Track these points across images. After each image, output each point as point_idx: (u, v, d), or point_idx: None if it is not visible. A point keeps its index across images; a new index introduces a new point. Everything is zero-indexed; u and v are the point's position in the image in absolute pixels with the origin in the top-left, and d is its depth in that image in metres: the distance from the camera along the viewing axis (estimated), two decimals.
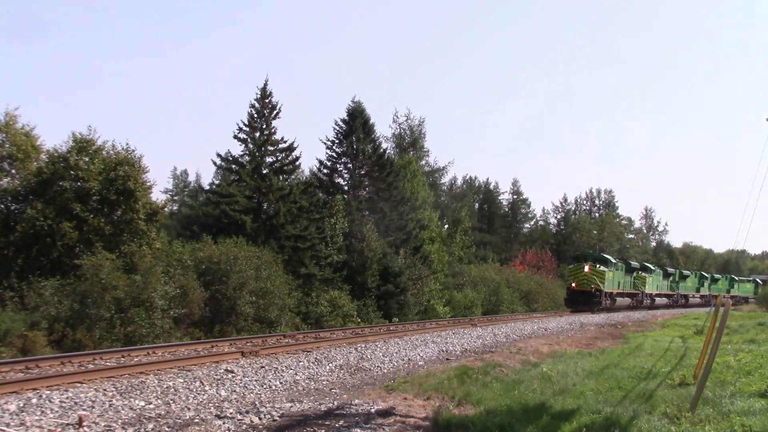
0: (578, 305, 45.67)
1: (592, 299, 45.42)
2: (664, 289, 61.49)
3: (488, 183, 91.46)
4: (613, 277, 48.75)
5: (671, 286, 63.26)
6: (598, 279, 45.79)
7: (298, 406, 10.26)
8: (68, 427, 8.25)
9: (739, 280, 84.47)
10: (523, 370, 15.34)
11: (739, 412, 10.16)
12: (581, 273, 46.53)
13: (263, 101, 34.40)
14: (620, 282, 50.45)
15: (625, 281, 51.63)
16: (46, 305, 20.06)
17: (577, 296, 45.99)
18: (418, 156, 64.08)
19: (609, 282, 47.54)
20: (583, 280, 46.11)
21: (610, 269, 48.01)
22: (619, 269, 50.52)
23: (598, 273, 46.15)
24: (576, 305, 45.95)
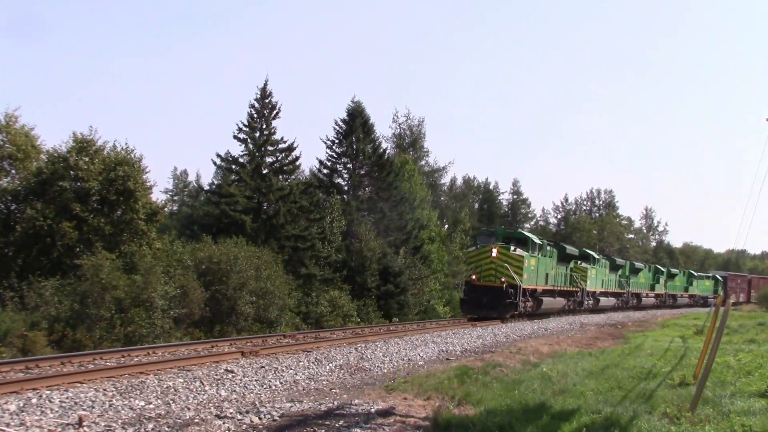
0: (480, 310, 30.93)
1: (501, 300, 30.46)
2: (611, 286, 49.07)
3: (488, 183, 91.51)
4: (537, 267, 33.46)
5: (620, 283, 51.42)
6: (513, 268, 30.65)
7: (298, 406, 10.26)
8: (68, 427, 8.25)
9: (697, 276, 74.81)
10: (523, 370, 15.34)
11: (739, 412, 10.17)
12: (486, 259, 31.17)
13: (263, 101, 34.41)
14: (549, 274, 35.43)
15: (558, 274, 36.94)
16: (46, 305, 20.06)
17: (480, 295, 30.82)
18: (418, 156, 64.08)
19: (530, 273, 32.29)
20: (488, 271, 30.97)
21: (532, 254, 32.57)
22: (547, 254, 35.11)
23: (512, 259, 30.91)
24: (476, 310, 31.15)
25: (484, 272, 31.00)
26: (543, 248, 34.60)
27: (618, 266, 51.55)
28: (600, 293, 46.07)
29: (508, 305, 30.60)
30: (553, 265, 36.47)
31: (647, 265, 61.81)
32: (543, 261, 34.47)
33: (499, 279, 30.49)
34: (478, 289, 30.88)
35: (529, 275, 31.91)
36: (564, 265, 38.89)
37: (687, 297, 69.33)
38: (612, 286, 49.48)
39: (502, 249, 31.02)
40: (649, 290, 59.24)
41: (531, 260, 32.22)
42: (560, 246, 39.23)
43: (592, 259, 44.29)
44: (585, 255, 43.95)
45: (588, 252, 45.55)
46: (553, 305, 36.62)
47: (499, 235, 33.18)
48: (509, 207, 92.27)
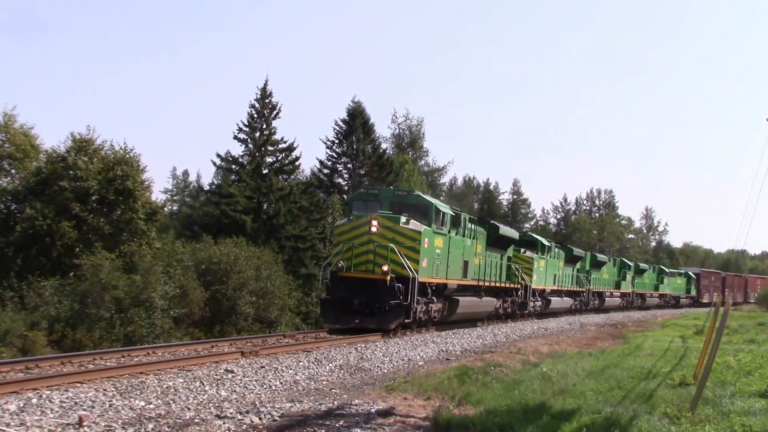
0: (349, 317, 20.26)
1: (383, 302, 19.95)
2: (567, 282, 39.32)
3: (488, 183, 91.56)
4: (452, 251, 22.95)
5: (578, 279, 41.99)
6: (406, 253, 20.14)
7: (298, 406, 10.26)
8: (68, 427, 8.25)
9: (669, 272, 65.66)
10: (523, 370, 15.34)
11: (739, 412, 10.17)
12: (361, 235, 20.47)
13: (263, 101, 34.46)
14: (479, 265, 25.72)
15: (490, 263, 27.16)
16: (46, 305, 20.07)
17: (351, 294, 20.17)
18: (417, 156, 64.11)
19: (436, 261, 21.68)
20: (363, 255, 20.30)
21: (441, 230, 22.10)
22: (470, 235, 24.76)
23: (404, 236, 20.42)
24: (344, 317, 20.38)
25: (356, 257, 20.10)
26: (460, 221, 23.56)
27: (575, 257, 41.31)
28: (551, 292, 36.20)
29: (394, 310, 19.74)
30: (479, 251, 25.92)
31: (612, 258, 53.20)
32: (462, 245, 23.74)
33: (380, 268, 19.61)
34: (346, 283, 20.07)
35: (434, 263, 21.52)
36: (498, 251, 28.78)
37: (657, 297, 61.47)
38: (568, 281, 39.73)
39: (385, 221, 20.13)
40: (614, 288, 50.33)
41: (438, 239, 21.75)
42: (491, 223, 28.50)
43: (541, 246, 34.14)
44: (530, 240, 34.14)
45: (535, 237, 35.36)
46: (475, 308, 25.82)
47: (384, 201, 21.81)
48: (509, 207, 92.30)
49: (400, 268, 20.00)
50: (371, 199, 22.47)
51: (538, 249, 33.88)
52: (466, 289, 25.26)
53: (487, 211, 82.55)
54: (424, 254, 20.80)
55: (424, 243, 20.78)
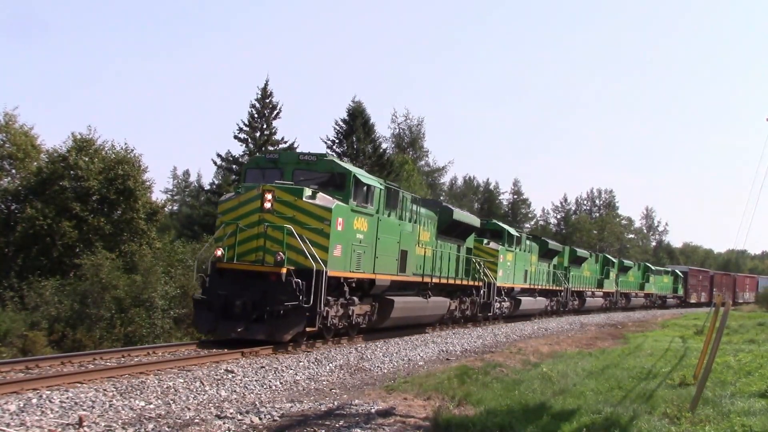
0: (230, 324, 15.16)
1: (275, 300, 15.06)
2: (541, 280, 34.67)
3: (488, 183, 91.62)
4: (383, 236, 18.37)
5: (555, 276, 37.44)
6: (311, 238, 15.49)
7: (298, 406, 10.26)
8: (68, 427, 8.25)
9: (655, 270, 61.41)
10: (524, 370, 15.34)
11: (739, 413, 10.18)
12: (250, 213, 15.88)
13: (264, 101, 34.48)
14: (425, 257, 21.19)
15: (441, 255, 22.68)
16: (46, 305, 20.10)
17: (234, 293, 15.24)
18: (418, 156, 64.14)
19: (357, 249, 17.15)
20: (252, 237, 15.72)
21: (365, 208, 17.44)
22: (412, 219, 20.24)
23: (309, 215, 15.78)
24: (224, 324, 15.26)
25: (242, 243, 15.60)
26: (392, 203, 18.70)
27: (552, 252, 36.84)
28: (522, 291, 31.64)
29: (290, 315, 15.11)
30: (423, 241, 21.03)
31: (593, 254, 47.55)
32: (388, 227, 18.46)
33: (272, 257, 15.18)
34: (229, 278, 15.52)
35: (362, 252, 17.22)
36: (454, 240, 24.37)
37: (642, 296, 57.56)
38: (542, 279, 35.20)
39: (283, 193, 15.56)
40: (596, 287, 45.70)
41: (362, 220, 16.99)
42: (442, 208, 23.75)
43: (508, 236, 29.62)
44: (495, 230, 29.60)
45: (500, 225, 30.73)
46: (416, 312, 21.15)
47: (286, 168, 16.93)
48: (509, 207, 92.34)
49: (302, 258, 15.15)
50: (270, 167, 17.16)
51: (505, 240, 29.27)
52: (406, 287, 20.40)
53: (488, 211, 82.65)
54: (337, 239, 15.84)
55: (336, 224, 15.79)
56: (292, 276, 15.20)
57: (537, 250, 34.34)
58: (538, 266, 34.22)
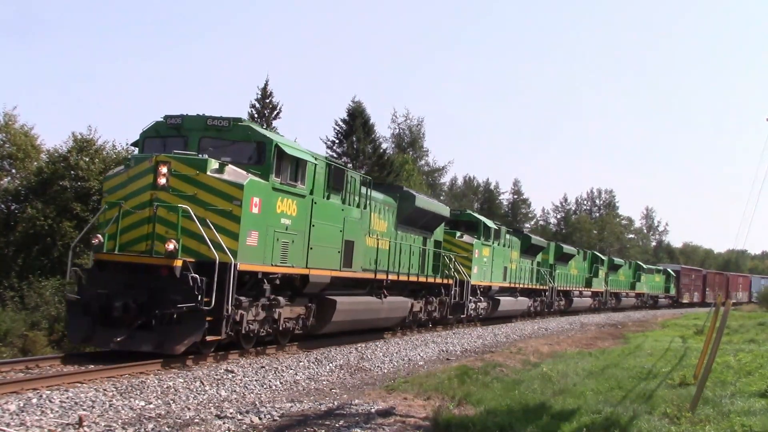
0: (112, 329, 12.20)
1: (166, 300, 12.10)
2: (524, 279, 32.05)
3: (488, 183, 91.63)
4: (317, 222, 15.34)
5: (540, 274, 35.09)
6: (216, 222, 12.63)
7: (298, 406, 10.27)
8: (68, 427, 8.26)
9: (646, 269, 59.06)
10: (524, 370, 15.35)
11: (739, 412, 10.18)
12: (140, 191, 12.87)
13: (264, 101, 34.53)
14: (377, 249, 18.59)
15: (399, 247, 20.07)
16: (46, 305, 20.11)
17: (116, 291, 12.21)
18: (418, 156, 64.16)
19: (279, 237, 14.01)
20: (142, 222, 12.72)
21: (292, 186, 14.42)
22: (356, 202, 17.24)
23: (214, 194, 12.82)
24: (104, 329, 12.29)
25: (128, 229, 12.90)
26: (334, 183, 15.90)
27: (536, 248, 34.53)
28: (501, 290, 29.07)
29: (191, 320, 12.36)
30: (376, 229, 18.55)
31: (581, 251, 45.13)
32: (324, 210, 15.61)
33: (163, 245, 12.39)
34: (109, 273, 12.88)
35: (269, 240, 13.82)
36: (420, 234, 21.81)
37: (633, 296, 55.35)
38: (524, 278, 32.40)
39: (182, 166, 12.86)
40: (584, 286, 43.39)
41: (281, 200, 13.97)
42: (402, 193, 20.81)
43: (484, 229, 27.04)
44: (470, 221, 27.17)
45: (476, 216, 28.17)
46: (367, 315, 18.44)
47: (191, 136, 14.03)
48: (509, 207, 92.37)
49: (204, 248, 12.42)
50: (172, 134, 14.07)
51: (481, 233, 26.73)
52: (357, 285, 17.94)
53: (488, 210, 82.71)
54: (251, 224, 13.00)
55: (251, 205, 12.92)
56: (188, 270, 12.17)
57: (518, 245, 31.92)
58: (519, 263, 31.65)
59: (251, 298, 13.57)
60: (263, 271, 13.76)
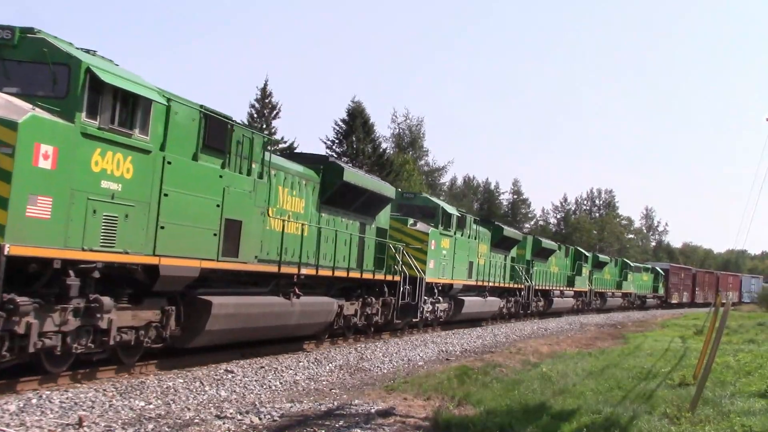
0: None
1: None
2: (495, 276, 28.50)
3: (488, 183, 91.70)
4: (197, 194, 11.82)
5: (514, 272, 31.62)
6: None
7: (298, 406, 10.27)
8: (68, 427, 8.26)
9: (634, 267, 55.87)
10: (523, 370, 15.35)
11: (739, 413, 10.19)
12: None
13: (263, 101, 34.56)
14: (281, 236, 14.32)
15: (333, 235, 16.66)
16: None
17: None
18: (417, 156, 64.21)
19: (136, 210, 10.55)
20: None
21: (131, 138, 10.41)
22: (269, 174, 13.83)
23: None
24: None
25: None
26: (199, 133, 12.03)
27: (510, 241, 30.81)
28: (466, 289, 25.51)
29: None
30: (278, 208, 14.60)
31: (563, 247, 41.54)
32: (184, 173, 11.65)
33: None
34: None
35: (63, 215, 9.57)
36: (356, 219, 18.10)
37: (620, 296, 52.25)
38: (496, 275, 28.73)
39: None
40: (566, 285, 39.80)
41: (104, 159, 10.09)
42: (327, 164, 16.79)
43: (444, 217, 23.27)
44: (426, 207, 23.31)
45: (434, 201, 24.28)
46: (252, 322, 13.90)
47: None
48: (509, 207, 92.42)
49: None
50: None
51: (440, 220, 22.81)
52: (252, 282, 14.11)
53: (487, 210, 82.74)
54: (34, 185, 9.10)
55: (33, 156, 9.04)
56: None
57: (488, 237, 27.97)
58: (489, 258, 27.96)
59: (42, 300, 9.53)
60: (64, 258, 9.62)
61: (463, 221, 25.18)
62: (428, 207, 23.38)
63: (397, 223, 21.23)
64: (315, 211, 16.19)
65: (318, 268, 16.01)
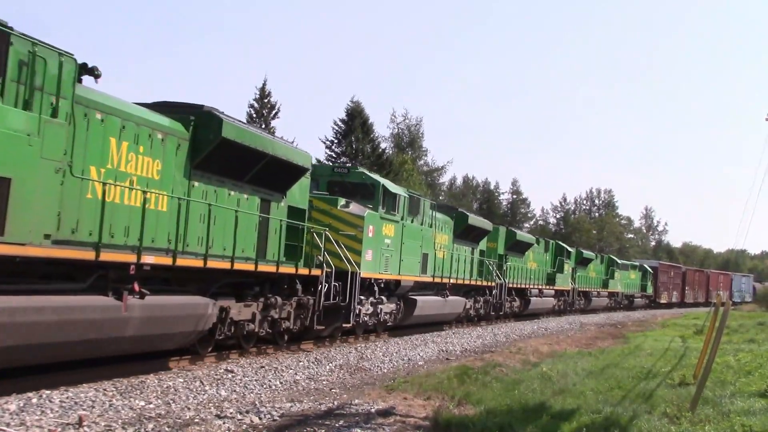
0: None
1: None
2: (460, 272, 24.83)
3: (487, 183, 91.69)
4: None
5: (483, 267, 27.46)
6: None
7: (298, 405, 10.26)
8: (68, 426, 8.25)
9: (621, 264, 52.26)
10: (523, 369, 15.34)
11: (739, 412, 10.18)
12: None
13: (262, 101, 34.56)
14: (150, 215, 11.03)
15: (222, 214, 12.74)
16: None
17: None
18: (417, 156, 64.20)
19: None
20: None
21: None
22: (92, 118, 10.07)
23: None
24: None
25: None
26: None
27: (478, 232, 26.26)
28: (417, 286, 21.50)
29: None
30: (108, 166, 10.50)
31: (542, 240, 37.73)
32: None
33: None
34: None
35: None
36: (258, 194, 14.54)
37: (606, 295, 48.53)
38: (461, 271, 24.83)
39: None
40: (546, 284, 35.52)
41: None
42: (201, 115, 12.36)
43: (386, 196, 19.11)
44: (362, 185, 19.00)
45: (371, 177, 19.69)
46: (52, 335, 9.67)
47: None
48: (509, 207, 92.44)
49: None
50: None
51: (380, 201, 18.73)
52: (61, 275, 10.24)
53: (487, 211, 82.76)
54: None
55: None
56: None
57: (450, 227, 23.63)
58: (452, 250, 23.86)
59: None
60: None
61: (415, 205, 20.90)
62: (366, 185, 18.89)
63: (322, 203, 17.33)
64: (182, 178, 11.99)
65: (177, 256, 11.56)
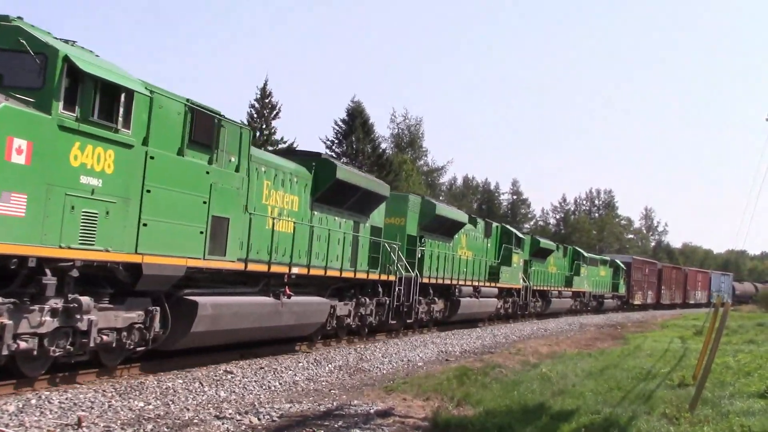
0: None
1: None
2: (317, 259, 15.56)
3: (487, 183, 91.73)
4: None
5: (375, 252, 18.74)
6: None
7: (297, 406, 10.27)
8: (67, 427, 8.25)
9: (589, 259, 43.39)
10: (523, 370, 15.35)
11: (739, 413, 10.19)
12: None
13: (263, 101, 34.57)
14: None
15: None
16: None
17: None
18: (417, 156, 64.24)
19: None
20: None
21: None
22: None
23: None
24: None
25: None
26: None
27: (363, 197, 17.50)
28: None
29: None
30: None
31: (480, 221, 28.24)
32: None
33: None
34: None
35: None
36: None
37: (570, 295, 40.23)
38: (319, 257, 16.04)
39: None
40: (487, 281, 27.20)
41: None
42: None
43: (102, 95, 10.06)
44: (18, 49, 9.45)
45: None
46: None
47: None
48: (509, 207, 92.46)
49: None
50: None
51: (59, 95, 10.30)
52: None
53: (487, 211, 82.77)
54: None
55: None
56: None
57: (309, 183, 15.70)
58: (342, 234, 17.07)
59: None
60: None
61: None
62: None
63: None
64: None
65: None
